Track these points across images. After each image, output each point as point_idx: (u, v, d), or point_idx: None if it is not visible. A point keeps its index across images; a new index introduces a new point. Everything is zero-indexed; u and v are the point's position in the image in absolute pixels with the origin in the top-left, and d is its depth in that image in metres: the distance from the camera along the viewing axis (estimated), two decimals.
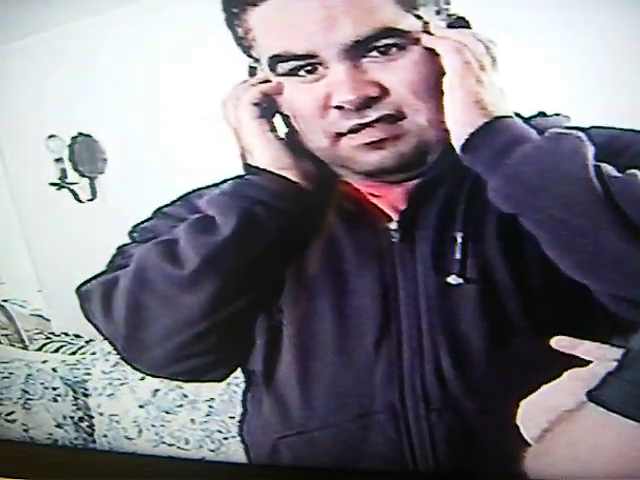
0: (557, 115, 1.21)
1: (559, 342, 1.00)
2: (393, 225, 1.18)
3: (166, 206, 1.31)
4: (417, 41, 1.14)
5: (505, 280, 1.15)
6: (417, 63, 1.14)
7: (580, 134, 1.12)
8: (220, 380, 1.32)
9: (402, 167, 1.17)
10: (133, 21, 1.60)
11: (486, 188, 1.12)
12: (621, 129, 1.20)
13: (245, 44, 1.19)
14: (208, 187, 1.27)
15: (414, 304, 1.17)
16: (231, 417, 1.82)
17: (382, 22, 1.11)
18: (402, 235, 1.18)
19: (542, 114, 1.21)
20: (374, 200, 1.21)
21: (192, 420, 1.89)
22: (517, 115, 1.16)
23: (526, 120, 1.16)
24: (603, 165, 1.08)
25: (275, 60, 1.15)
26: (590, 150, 1.09)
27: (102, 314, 1.25)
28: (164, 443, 1.94)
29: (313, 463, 1.21)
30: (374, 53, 1.12)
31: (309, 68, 1.14)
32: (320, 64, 1.13)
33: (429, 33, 1.14)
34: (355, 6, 1.11)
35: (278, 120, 1.22)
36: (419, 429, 1.16)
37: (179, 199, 1.30)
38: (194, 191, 1.29)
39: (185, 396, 1.89)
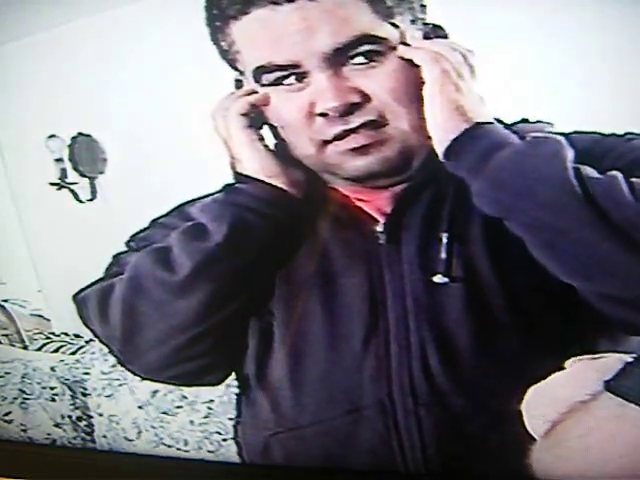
0: (539, 122, 1.25)
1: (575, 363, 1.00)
2: (379, 228, 1.23)
3: (162, 217, 1.35)
4: (394, 49, 1.19)
5: (490, 279, 1.19)
6: (396, 71, 1.19)
7: (559, 138, 1.16)
8: (216, 384, 1.36)
9: (388, 172, 1.22)
10: (135, 21, 1.61)
11: (470, 192, 1.16)
12: (603, 134, 1.24)
13: (230, 57, 1.24)
14: (202, 198, 1.32)
15: (401, 303, 1.21)
16: (230, 419, 1.82)
17: (359, 30, 1.16)
18: (388, 237, 1.23)
19: (525, 121, 1.26)
20: (361, 204, 1.26)
21: (191, 421, 1.90)
22: (500, 122, 1.20)
23: (509, 126, 1.20)
24: (583, 167, 1.12)
25: (259, 71, 1.20)
26: (569, 153, 1.13)
27: (99, 320, 1.30)
28: (163, 444, 1.95)
29: (304, 459, 1.26)
30: (354, 61, 1.17)
31: (293, 78, 1.19)
32: (303, 73, 1.18)
33: (405, 44, 1.19)
34: (333, 16, 1.15)
35: (266, 130, 1.27)
36: (407, 424, 1.19)
37: (174, 210, 1.35)
38: (188, 202, 1.34)
39: (184, 397, 1.90)
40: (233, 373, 1.34)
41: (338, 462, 1.24)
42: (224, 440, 1.84)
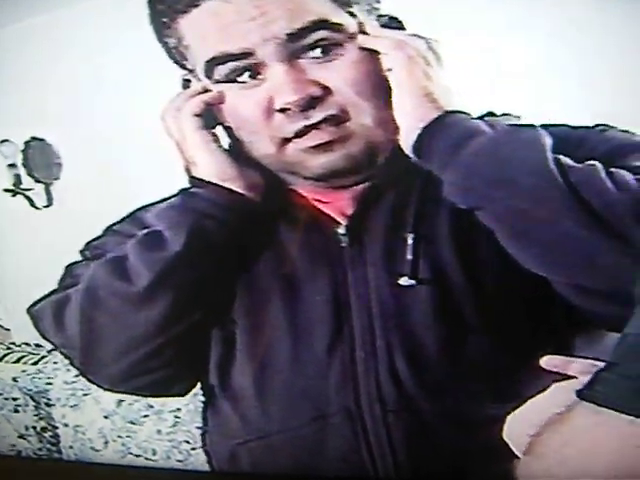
0: (506, 114, 1.23)
1: (550, 361, 0.99)
2: (341, 230, 1.20)
3: (116, 224, 1.32)
4: (353, 40, 1.15)
5: (459, 279, 1.16)
6: (357, 62, 1.15)
7: (536, 126, 1.14)
8: (182, 394, 1.34)
9: (351, 169, 1.18)
10: (87, 24, 1.57)
11: (438, 186, 1.14)
12: (572, 126, 1.22)
13: (178, 55, 1.20)
14: (156, 203, 1.28)
15: (366, 307, 1.17)
16: (198, 427, 1.81)
17: (316, 15, 1.12)
18: (351, 239, 1.19)
19: (491, 114, 1.23)
20: (322, 206, 1.23)
21: (158, 431, 1.88)
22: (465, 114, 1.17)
23: (476, 119, 1.18)
24: (561, 156, 1.09)
25: (211, 64, 1.15)
26: (548, 141, 1.11)
27: (56, 333, 1.26)
28: (131, 454, 1.93)
29: (272, 467, 1.23)
30: (312, 52, 1.13)
31: (248, 72, 1.15)
32: (258, 65, 1.14)
33: (365, 33, 1.16)
34: (287, 2, 1.12)
35: (221, 131, 1.23)
36: (376, 431, 1.16)
37: (128, 216, 1.32)
38: (142, 207, 1.30)
39: (151, 406, 1.88)
40: (198, 383, 1.31)
41: (307, 470, 1.21)
42: (193, 449, 1.82)
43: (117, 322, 1.21)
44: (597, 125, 1.22)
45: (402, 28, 1.21)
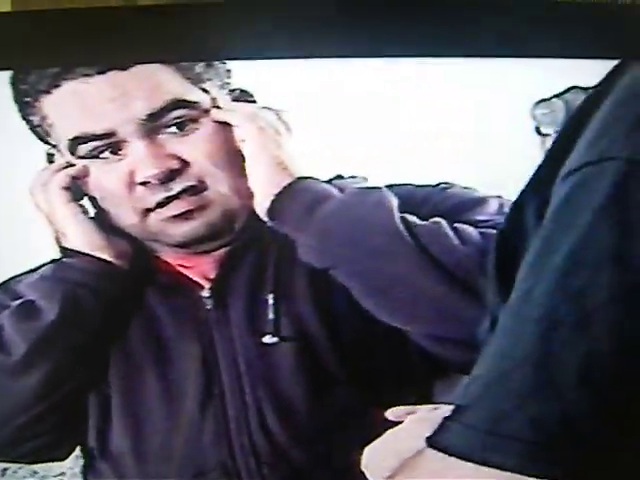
0: (353, 177, 1.32)
1: (394, 412, 1.06)
2: (206, 293, 1.28)
3: None
4: (208, 114, 1.24)
5: (319, 334, 1.25)
6: (211, 134, 1.24)
7: (383, 188, 1.23)
8: (63, 459, 1.38)
9: (211, 236, 1.27)
10: None
11: (294, 248, 1.22)
12: (416, 185, 1.31)
13: (42, 132, 1.26)
14: (27, 273, 1.32)
15: (234, 366, 1.25)
16: None
17: (172, 95, 1.21)
18: (215, 302, 1.27)
19: (339, 177, 1.32)
20: (185, 271, 1.30)
21: None
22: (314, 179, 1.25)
23: (326, 182, 1.27)
24: (408, 215, 1.20)
25: (75, 142, 1.23)
26: (394, 201, 1.21)
27: None
28: None
29: None
30: (169, 129, 1.22)
31: (110, 149, 1.22)
32: (119, 142, 1.21)
33: (218, 107, 1.25)
34: (144, 83, 1.20)
35: (87, 201, 1.28)
36: None
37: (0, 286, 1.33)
38: (13, 278, 1.33)
39: (35, 472, 1.85)
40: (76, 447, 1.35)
41: None
42: None
43: None
44: (439, 184, 1.31)
45: (253, 100, 1.29)
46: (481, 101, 1.39)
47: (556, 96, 1.41)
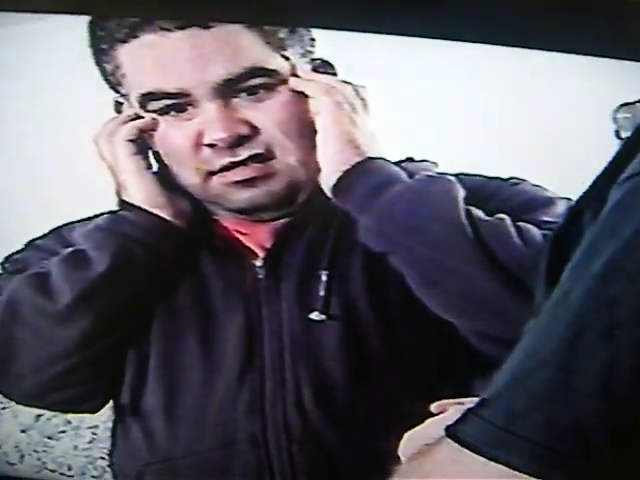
0: (424, 161, 1.30)
1: (439, 407, 1.01)
2: (259, 262, 1.26)
3: (38, 238, 1.35)
4: (285, 82, 1.22)
5: (368, 317, 1.23)
6: (286, 104, 1.23)
7: (451, 177, 1.21)
8: (94, 411, 1.39)
9: (273, 205, 1.25)
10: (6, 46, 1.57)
11: (354, 228, 1.21)
12: (487, 177, 1.29)
13: (114, 80, 1.25)
14: (80, 221, 1.32)
15: (278, 339, 1.24)
16: None
17: (252, 61, 1.20)
18: (267, 272, 1.25)
19: (410, 159, 1.30)
20: (242, 238, 1.28)
21: (75, 446, 1.87)
22: (386, 160, 1.23)
23: (395, 164, 1.24)
24: (473, 208, 1.17)
25: (146, 97, 1.22)
26: (461, 193, 1.19)
27: None
28: (47, 469, 1.92)
29: None
30: (245, 93, 1.20)
31: (182, 108, 1.21)
32: (192, 102, 1.20)
33: (297, 76, 1.23)
34: (225, 45, 1.19)
35: (151, 156, 1.27)
36: (280, 460, 1.22)
37: (51, 232, 1.35)
38: (66, 225, 1.33)
39: (69, 422, 1.87)
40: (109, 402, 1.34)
41: None
42: (109, 466, 1.82)
43: (36, 338, 1.25)
44: (510, 178, 1.29)
45: (334, 72, 1.28)
46: (563, 99, 1.35)
47: (639, 101, 1.36)
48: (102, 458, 1.90)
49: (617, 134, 1.41)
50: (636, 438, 0.59)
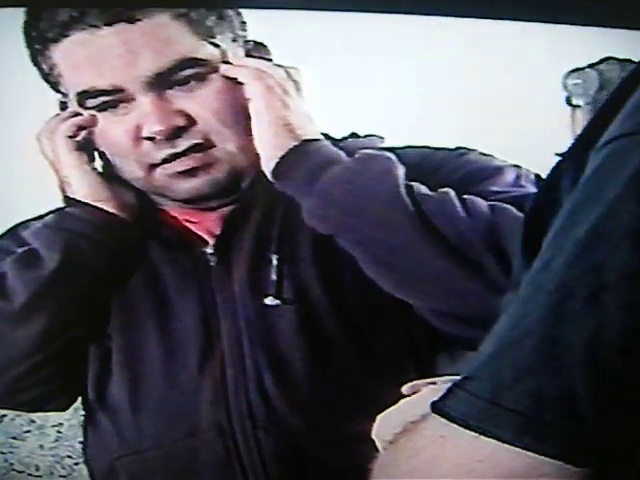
0: (371, 136, 1.28)
1: (412, 388, 0.98)
2: (209, 249, 1.24)
3: None
4: (217, 70, 1.20)
5: (321, 299, 1.20)
6: (220, 92, 1.20)
7: (389, 154, 1.19)
8: (63, 409, 1.36)
9: (217, 194, 1.23)
10: None
11: (300, 211, 1.18)
12: (434, 148, 1.27)
13: (52, 80, 1.23)
14: (35, 219, 1.30)
15: (234, 325, 1.21)
16: (80, 442, 1.79)
17: (181, 52, 1.17)
18: (218, 259, 1.23)
19: (354, 135, 1.29)
20: (191, 226, 1.27)
21: (41, 446, 1.86)
22: (328, 137, 1.23)
23: (338, 141, 1.24)
24: (415, 184, 1.14)
25: (83, 96, 1.20)
26: (400, 170, 1.16)
27: None
28: (14, 470, 1.89)
29: None
30: (178, 84, 1.18)
31: (118, 103, 1.19)
32: (127, 98, 1.19)
33: (227, 62, 1.21)
34: (153, 39, 1.16)
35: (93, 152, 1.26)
36: (247, 446, 1.19)
37: (7, 231, 1.33)
38: (21, 223, 1.32)
39: (33, 421, 1.86)
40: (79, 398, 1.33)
41: None
42: (76, 464, 1.81)
43: None
44: (458, 148, 1.27)
45: (268, 54, 1.26)
46: (510, 66, 1.35)
47: (590, 66, 1.36)
48: (69, 457, 1.89)
49: (568, 101, 1.42)
50: (626, 406, 0.58)
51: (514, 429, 0.57)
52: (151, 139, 1.19)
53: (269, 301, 1.20)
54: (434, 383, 0.94)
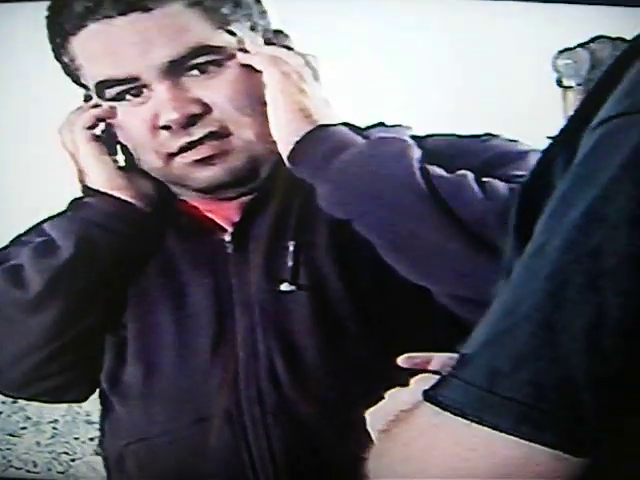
0: (397, 126, 1.27)
1: (409, 360, 0.98)
2: (227, 237, 1.23)
3: (23, 235, 1.33)
4: (233, 57, 1.20)
5: (337, 285, 1.19)
6: (236, 79, 1.20)
7: (405, 137, 1.18)
8: (81, 400, 1.37)
9: (235, 182, 1.23)
10: None
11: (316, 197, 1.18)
12: (460, 136, 1.26)
13: (73, 72, 1.24)
14: (61, 214, 1.30)
15: (248, 312, 1.21)
16: (76, 438, 1.79)
17: (196, 40, 1.17)
18: (236, 246, 1.23)
19: (381, 124, 1.27)
20: (210, 214, 1.27)
21: (38, 443, 1.86)
22: (353, 126, 1.21)
23: (364, 130, 1.21)
24: (430, 167, 1.13)
25: (101, 86, 1.21)
26: (415, 152, 1.14)
27: None
28: (12, 467, 1.89)
29: (157, 470, 1.24)
30: (193, 72, 1.18)
31: (135, 92, 1.20)
32: (144, 86, 1.19)
33: (244, 50, 1.20)
34: (167, 27, 1.16)
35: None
36: (256, 433, 1.18)
37: (34, 227, 1.33)
38: (48, 219, 1.31)
39: (28, 418, 1.85)
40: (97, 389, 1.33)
41: (189, 473, 1.23)
42: (72, 460, 1.81)
43: (12, 329, 1.23)
44: (484, 134, 1.26)
45: (289, 42, 1.26)
46: (497, 48, 1.34)
47: (580, 45, 1.34)
48: (66, 453, 1.89)
49: (559, 82, 1.40)
50: (625, 394, 0.57)
51: (512, 418, 0.56)
52: (167, 128, 1.18)
53: (285, 287, 1.20)
54: (430, 359, 0.94)
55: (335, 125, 1.18)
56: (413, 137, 1.21)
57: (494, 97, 1.38)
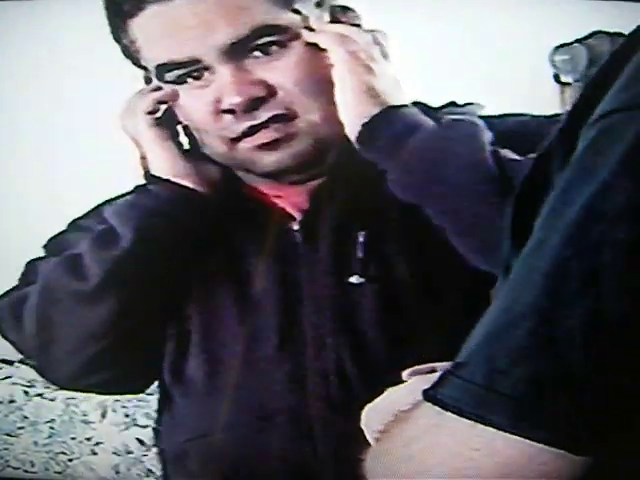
0: (470, 104, 1.24)
1: (413, 373, 0.97)
2: (296, 226, 1.21)
3: (80, 219, 1.31)
4: (298, 37, 1.16)
5: (406, 277, 1.17)
6: (301, 59, 1.16)
7: (476, 119, 1.16)
8: (138, 392, 1.38)
9: (301, 167, 1.19)
10: (33, 22, 1.52)
11: (386, 182, 1.16)
12: (532, 115, 1.24)
13: (133, 55, 1.20)
14: (121, 197, 1.27)
15: (317, 305, 1.18)
16: (73, 438, 1.78)
17: (258, 20, 1.13)
18: (305, 235, 1.20)
19: (453, 104, 1.25)
20: (277, 201, 1.24)
21: (35, 442, 1.85)
22: (426, 106, 1.19)
23: (436, 110, 1.20)
24: (502, 150, 1.12)
25: (161, 69, 1.17)
26: (486, 134, 1.13)
27: (14, 331, 1.25)
28: (9, 467, 1.88)
29: (218, 468, 1.22)
30: (256, 53, 1.15)
31: (196, 74, 1.16)
32: (205, 69, 1.15)
33: (310, 28, 1.17)
34: (228, 8, 1.12)
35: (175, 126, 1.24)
36: (322, 432, 1.16)
37: (92, 211, 1.31)
38: (106, 202, 1.29)
39: (26, 418, 1.85)
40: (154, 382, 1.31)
41: (251, 472, 1.21)
42: (70, 460, 1.80)
43: (71, 320, 1.20)
44: (554, 115, 1.21)
45: (357, 19, 1.22)
46: (496, 44, 1.33)
47: (578, 41, 1.34)
48: (63, 453, 1.88)
49: (556, 78, 1.39)
50: (625, 391, 0.56)
51: (510, 415, 0.56)
52: (231, 112, 1.15)
53: (354, 280, 1.17)
54: (434, 370, 0.93)
55: (405, 106, 1.16)
56: (483, 117, 1.19)
57: (491, 93, 1.37)
